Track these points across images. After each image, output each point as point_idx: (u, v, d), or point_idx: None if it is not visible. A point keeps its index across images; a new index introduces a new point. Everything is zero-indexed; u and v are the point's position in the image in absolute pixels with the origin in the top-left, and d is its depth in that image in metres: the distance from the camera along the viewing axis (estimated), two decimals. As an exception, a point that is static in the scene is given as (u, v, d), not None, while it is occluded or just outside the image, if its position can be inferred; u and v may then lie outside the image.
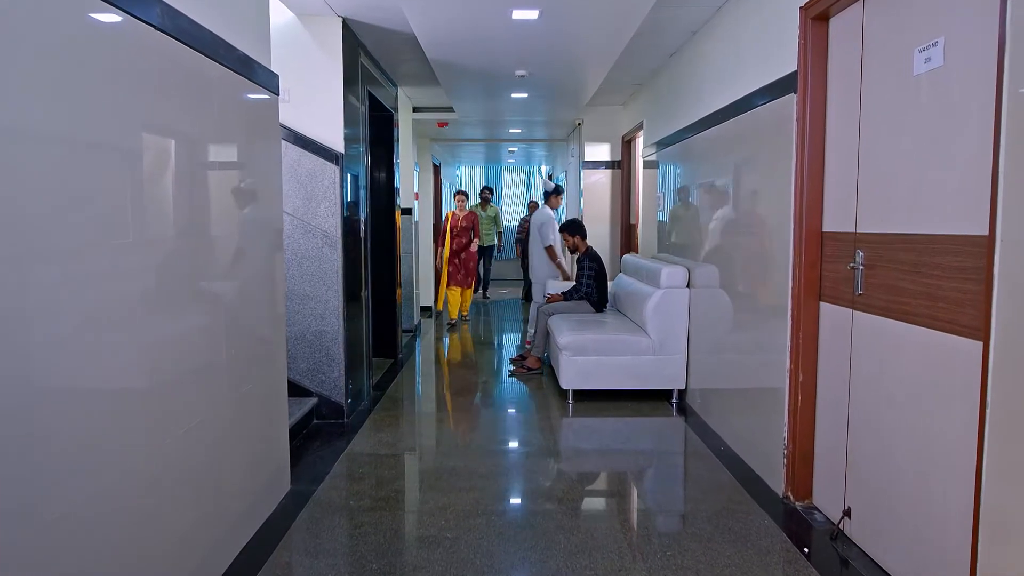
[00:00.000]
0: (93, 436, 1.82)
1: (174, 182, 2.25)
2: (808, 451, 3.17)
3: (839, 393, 2.92)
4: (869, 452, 2.69)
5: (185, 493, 2.31)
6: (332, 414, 4.51)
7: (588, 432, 4.40)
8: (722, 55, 4.22)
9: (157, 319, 2.14)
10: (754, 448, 3.64)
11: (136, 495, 2.01)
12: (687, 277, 4.86)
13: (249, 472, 2.89)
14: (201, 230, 2.45)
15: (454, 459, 3.87)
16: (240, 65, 2.74)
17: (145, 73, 2.07)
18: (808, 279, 3.10)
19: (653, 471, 3.79)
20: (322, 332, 4.46)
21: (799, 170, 3.10)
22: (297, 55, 4.38)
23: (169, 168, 2.22)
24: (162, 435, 2.15)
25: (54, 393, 1.67)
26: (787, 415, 3.21)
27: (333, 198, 4.40)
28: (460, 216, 8.41)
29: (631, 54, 5.24)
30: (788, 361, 3.19)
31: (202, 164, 2.46)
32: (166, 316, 2.20)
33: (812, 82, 3.04)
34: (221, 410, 2.59)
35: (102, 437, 1.85)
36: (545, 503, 3.25)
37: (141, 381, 2.05)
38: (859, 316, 2.76)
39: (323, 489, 3.39)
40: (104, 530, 1.86)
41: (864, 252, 2.71)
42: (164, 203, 2.19)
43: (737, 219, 3.95)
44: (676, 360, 4.91)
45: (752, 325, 3.70)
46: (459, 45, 5.00)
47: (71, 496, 1.72)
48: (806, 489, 3.19)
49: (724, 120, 4.10)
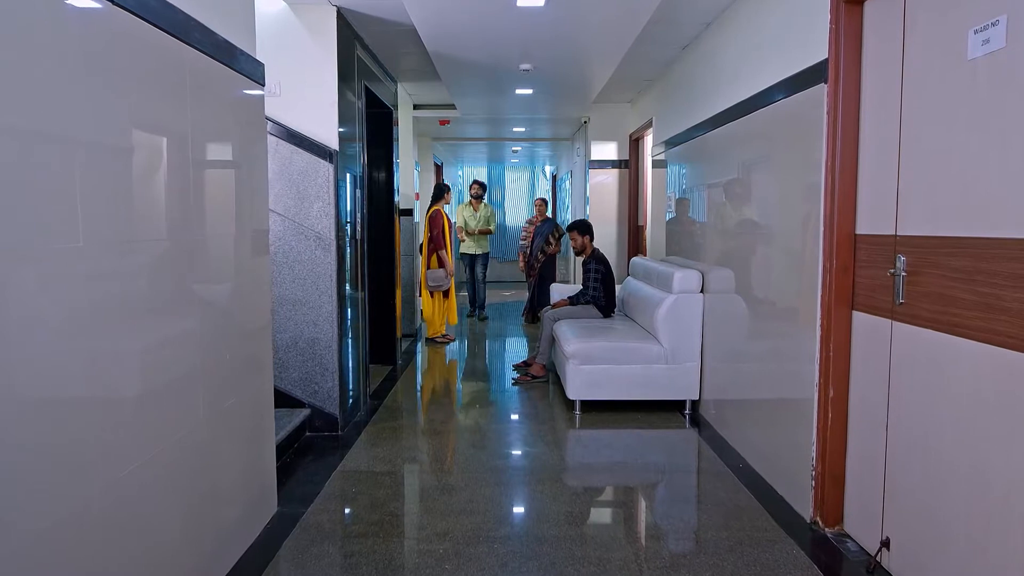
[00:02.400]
0: (35, 462, 1.57)
1: (137, 180, 2.00)
2: (839, 473, 2.91)
3: (876, 411, 2.66)
4: (912, 478, 2.43)
5: (153, 521, 2.06)
6: (325, 426, 4.27)
7: (597, 446, 4.14)
8: (740, 46, 3.96)
9: (116, 330, 1.89)
10: (777, 467, 3.38)
11: (95, 525, 1.76)
12: (701, 281, 4.60)
13: (230, 496, 2.64)
14: (172, 232, 2.20)
15: (454, 476, 3.61)
16: (219, 51, 2.49)
17: (98, 55, 1.82)
18: (840, 286, 2.84)
19: (668, 491, 3.53)
20: (315, 339, 4.21)
21: (830, 167, 2.85)
22: (289, 46, 4.14)
23: (131, 164, 1.97)
24: (125, 460, 1.90)
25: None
26: (815, 433, 2.96)
27: (327, 198, 4.15)
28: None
29: (641, 46, 4.99)
30: (817, 375, 2.93)
31: (173, 160, 2.21)
32: (127, 327, 1.95)
33: (845, 71, 2.78)
34: (197, 429, 2.34)
35: (48, 463, 1.60)
36: (552, 528, 2.99)
37: (98, 400, 1.80)
38: (900, 328, 2.50)
39: (312, 511, 3.14)
40: (55, 570, 1.62)
41: (906, 257, 2.46)
42: (123, 203, 1.94)
43: (757, 220, 3.69)
44: (689, 369, 4.65)
45: (774, 334, 3.44)
46: (460, 36, 4.75)
47: (12, 539, 1.47)
48: (836, 514, 2.93)
49: (742, 115, 3.84)
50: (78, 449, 1.72)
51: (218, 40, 2.48)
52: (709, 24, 4.50)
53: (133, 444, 1.96)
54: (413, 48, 5.13)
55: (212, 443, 2.46)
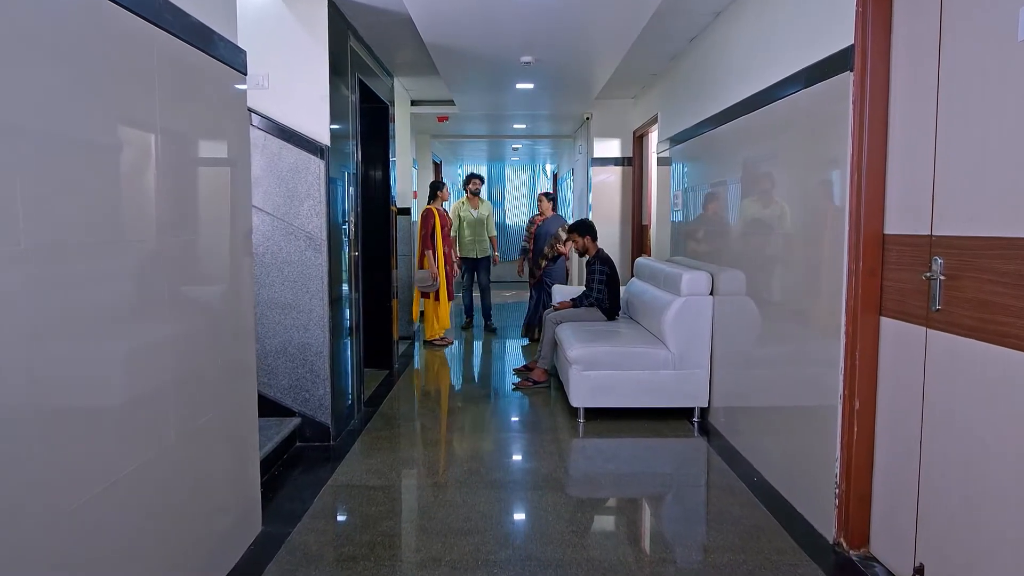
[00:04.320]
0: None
1: (91, 175, 1.79)
2: (865, 491, 2.70)
3: (908, 426, 2.45)
4: (951, 501, 2.22)
5: (120, 548, 1.85)
6: (317, 436, 4.06)
7: (602, 457, 3.93)
8: (753, 35, 3.75)
9: (72, 341, 1.68)
10: (795, 482, 3.17)
11: (43, 561, 1.55)
12: (711, 283, 4.39)
13: (208, 517, 2.43)
14: (135, 232, 1.99)
15: (451, 491, 3.40)
16: (193, 34, 2.28)
17: (43, 34, 1.61)
18: (866, 289, 2.63)
19: (679, 508, 3.31)
20: (306, 345, 4.01)
21: (855, 161, 2.64)
22: (277, 36, 3.92)
23: (84, 158, 1.76)
24: (83, 487, 1.69)
25: None
26: (839, 447, 2.75)
27: (318, 195, 3.94)
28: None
29: (648, 38, 4.78)
30: (841, 385, 2.73)
31: (135, 153, 2.00)
32: (85, 338, 1.74)
33: (873, 57, 2.57)
34: (169, 448, 2.13)
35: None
36: (556, 550, 2.78)
37: (53, 416, 1.59)
38: (936, 336, 2.29)
39: (300, 531, 2.93)
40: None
41: (944, 259, 2.25)
42: (74, 200, 1.73)
43: (771, 219, 3.48)
44: (698, 375, 4.44)
45: (790, 339, 3.23)
46: (459, 26, 4.54)
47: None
48: (862, 536, 2.73)
49: (756, 108, 3.63)
50: (25, 476, 1.51)
51: (192, 23, 2.27)
52: (719, 13, 4.29)
53: (98, 464, 1.75)
54: (409, 39, 4.92)
55: (187, 461, 2.26)
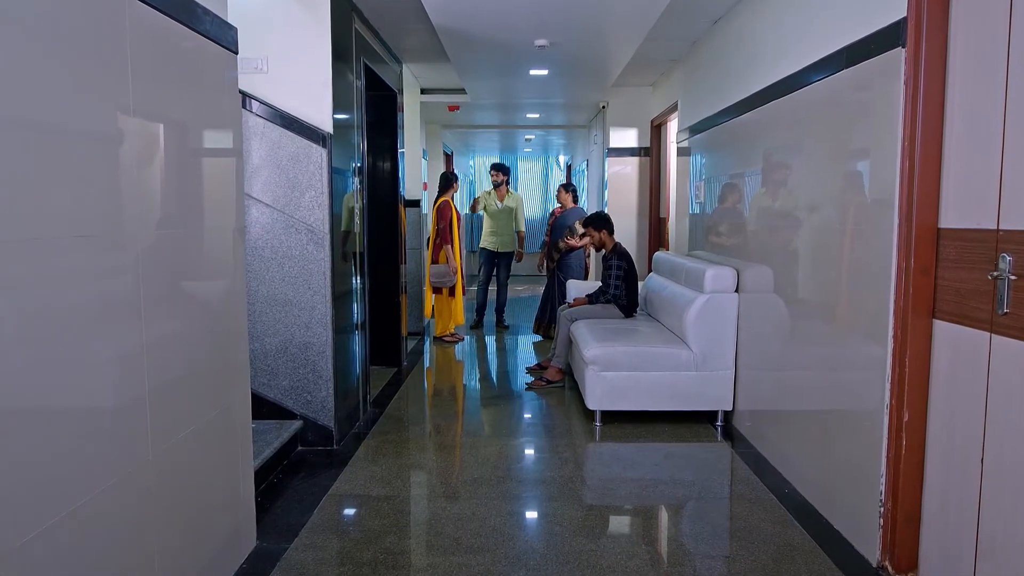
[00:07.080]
0: None
1: (54, 162, 1.57)
2: (914, 511, 2.46)
3: (966, 442, 2.20)
4: (1021, 529, 1.97)
5: (96, 569, 1.65)
6: (319, 440, 3.85)
7: (621, 465, 3.70)
8: (785, 12, 3.49)
9: (46, 345, 1.47)
10: (832, 497, 2.93)
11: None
12: (736, 280, 4.14)
13: (195, 535, 2.23)
14: (114, 225, 1.78)
15: (461, 502, 3.19)
16: (174, 7, 2.06)
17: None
18: (918, 289, 2.38)
19: (706, 523, 3.08)
20: (307, 344, 3.80)
21: (907, 148, 2.38)
22: (275, 18, 3.69)
23: (44, 142, 1.55)
24: (45, 511, 1.48)
25: None
26: (884, 463, 2.50)
27: (320, 186, 3.72)
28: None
29: (669, 19, 4.51)
30: (888, 395, 2.48)
31: (107, 140, 1.79)
32: (59, 341, 1.53)
33: (929, 31, 2.31)
34: (151, 460, 1.92)
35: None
36: (574, 571, 2.56)
37: (27, 426, 1.38)
38: (1003, 343, 2.04)
39: (296, 548, 2.73)
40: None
41: (1014, 257, 1.99)
42: (38, 189, 1.51)
43: (804, 212, 3.22)
44: (722, 377, 4.20)
45: (827, 341, 2.98)
46: (470, 7, 4.30)
47: None
48: (910, 560, 2.48)
49: (787, 92, 3.37)
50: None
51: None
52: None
53: (73, 479, 1.54)
54: (418, 23, 4.69)
55: (171, 475, 2.05)
